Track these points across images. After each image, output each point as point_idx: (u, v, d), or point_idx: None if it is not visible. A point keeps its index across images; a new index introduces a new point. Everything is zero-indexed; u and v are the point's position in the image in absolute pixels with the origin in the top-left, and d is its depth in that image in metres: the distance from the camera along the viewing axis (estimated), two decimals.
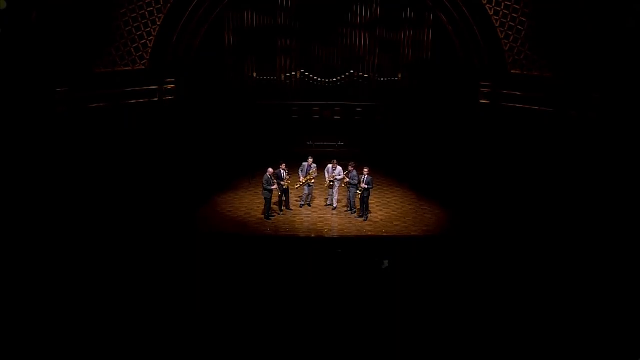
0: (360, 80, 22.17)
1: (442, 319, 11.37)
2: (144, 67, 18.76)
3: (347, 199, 17.12)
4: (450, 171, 20.11)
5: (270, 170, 16.18)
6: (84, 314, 11.08)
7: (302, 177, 16.94)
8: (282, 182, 16.50)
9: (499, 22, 18.52)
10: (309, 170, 16.89)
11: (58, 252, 13.49)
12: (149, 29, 18.37)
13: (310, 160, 17.03)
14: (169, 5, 18.37)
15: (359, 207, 16.69)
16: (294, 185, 17.11)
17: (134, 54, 18.42)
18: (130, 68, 18.47)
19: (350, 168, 16.53)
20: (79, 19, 16.42)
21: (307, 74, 22.12)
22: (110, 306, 11.38)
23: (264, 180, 16.17)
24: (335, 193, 17.16)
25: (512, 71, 19.00)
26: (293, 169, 17.34)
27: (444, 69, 21.44)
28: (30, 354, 9.97)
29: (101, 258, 13.34)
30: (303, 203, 17.45)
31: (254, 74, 22.10)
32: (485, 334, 10.88)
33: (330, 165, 16.98)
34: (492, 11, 18.45)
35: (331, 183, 16.92)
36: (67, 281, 12.24)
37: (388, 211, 17.34)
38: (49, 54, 15.88)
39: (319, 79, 22.17)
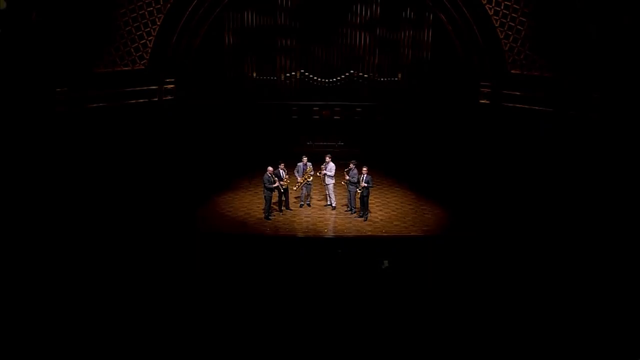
0: (360, 80, 22.16)
1: (442, 319, 11.37)
2: (143, 67, 18.78)
3: (347, 199, 17.12)
4: (450, 171, 20.11)
5: (270, 168, 16.18)
6: (84, 314, 11.07)
7: (299, 178, 16.94)
8: (281, 182, 16.50)
9: (499, 22, 18.53)
10: (305, 169, 16.88)
11: (58, 252, 13.48)
12: (149, 29, 18.39)
13: (305, 159, 17.01)
14: (169, 5, 18.39)
15: (358, 207, 16.69)
16: (292, 187, 17.10)
17: (134, 54, 18.43)
18: (130, 68, 18.49)
19: (351, 166, 16.51)
20: (79, 19, 16.44)
21: (307, 74, 22.11)
22: (110, 306, 11.38)
23: (264, 179, 16.17)
24: (331, 192, 17.14)
25: (512, 71, 19.01)
26: (293, 169, 17.32)
27: (444, 69, 21.44)
28: (31, 353, 9.96)
29: (101, 258, 13.34)
30: (302, 203, 17.45)
31: (254, 74, 22.09)
32: (486, 334, 10.87)
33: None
34: (492, 11, 18.47)
35: (323, 175, 16.85)
36: (68, 281, 12.24)
37: (388, 211, 17.33)
38: (49, 54, 15.89)
39: (319, 79, 22.16)
